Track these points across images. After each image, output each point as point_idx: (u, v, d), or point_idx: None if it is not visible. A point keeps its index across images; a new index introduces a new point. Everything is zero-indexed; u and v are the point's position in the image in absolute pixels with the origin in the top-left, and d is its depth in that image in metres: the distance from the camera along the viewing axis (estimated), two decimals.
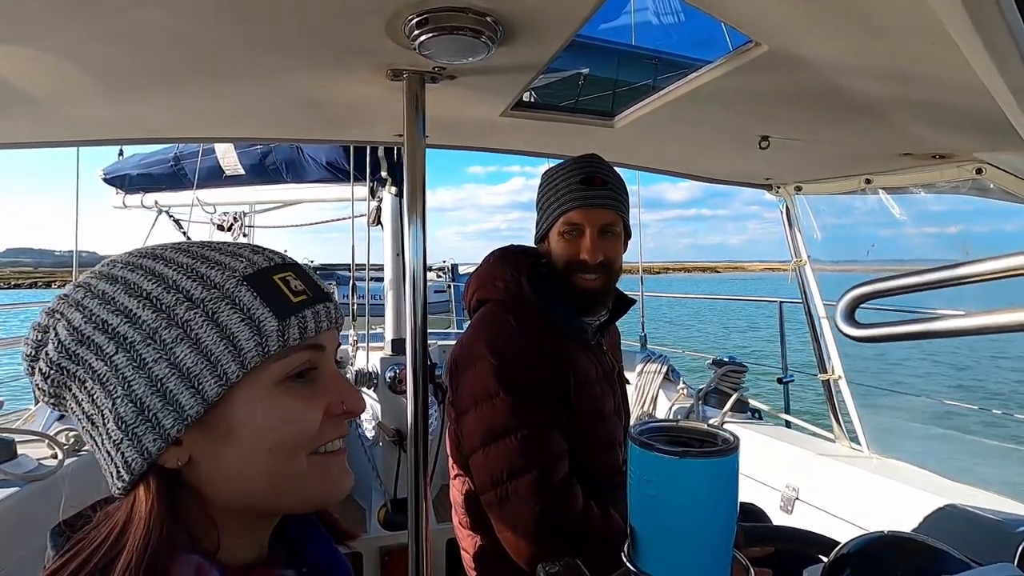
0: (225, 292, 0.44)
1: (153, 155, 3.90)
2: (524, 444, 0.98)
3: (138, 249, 0.48)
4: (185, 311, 0.42)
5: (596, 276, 1.12)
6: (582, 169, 1.13)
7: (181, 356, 0.42)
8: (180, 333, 0.42)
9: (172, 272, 0.44)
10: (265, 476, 0.45)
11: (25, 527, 1.38)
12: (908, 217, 1.61)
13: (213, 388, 0.42)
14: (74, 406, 0.44)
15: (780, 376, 2.69)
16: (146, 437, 0.42)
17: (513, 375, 1.02)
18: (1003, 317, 0.34)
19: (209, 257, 0.46)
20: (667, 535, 0.44)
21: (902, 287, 0.41)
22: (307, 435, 0.46)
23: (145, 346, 0.42)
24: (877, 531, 0.57)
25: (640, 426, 0.47)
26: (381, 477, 2.28)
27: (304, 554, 0.55)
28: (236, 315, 0.43)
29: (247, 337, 0.43)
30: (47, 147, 1.37)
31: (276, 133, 1.48)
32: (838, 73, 0.89)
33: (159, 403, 0.42)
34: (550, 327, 1.11)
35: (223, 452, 0.44)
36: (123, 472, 0.43)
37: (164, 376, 0.42)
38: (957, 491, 1.51)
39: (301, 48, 0.86)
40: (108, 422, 0.42)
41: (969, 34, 0.43)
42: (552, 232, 1.15)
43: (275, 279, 0.46)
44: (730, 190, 1.98)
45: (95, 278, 0.45)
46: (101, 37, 0.79)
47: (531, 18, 0.76)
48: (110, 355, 0.42)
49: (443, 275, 12.36)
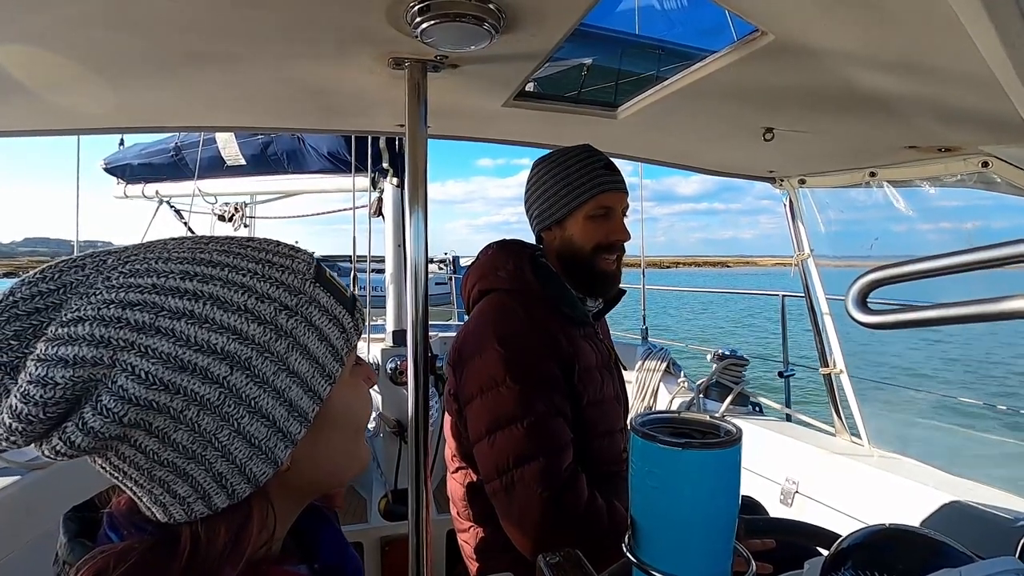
0: (308, 296, 0.45)
1: (154, 145, 3.89)
2: (530, 432, 0.98)
3: (177, 253, 0.43)
4: (286, 320, 0.43)
5: (616, 256, 1.17)
6: (598, 157, 1.18)
7: (295, 364, 0.43)
8: (291, 342, 0.43)
9: (252, 280, 0.43)
10: (350, 455, 0.50)
11: (28, 515, 1.39)
12: (913, 211, 1.60)
13: (324, 388, 0.45)
14: (132, 452, 0.39)
15: (781, 370, 2.69)
16: (277, 447, 0.43)
17: (520, 363, 1.02)
18: (1021, 303, 0.33)
19: (269, 260, 0.45)
20: (669, 526, 0.44)
21: (918, 272, 0.41)
22: (370, 412, 0.53)
23: (263, 361, 0.42)
24: (878, 524, 0.57)
25: (643, 417, 0.47)
26: (382, 468, 2.29)
27: (317, 550, 0.55)
28: (324, 316, 0.46)
29: (337, 336, 0.46)
30: (47, 135, 1.36)
31: (277, 122, 1.47)
32: (845, 64, 0.88)
33: (285, 413, 0.43)
34: (554, 314, 1.12)
35: (321, 442, 0.47)
36: (240, 488, 0.42)
37: (286, 386, 0.43)
38: (957, 485, 1.51)
39: (303, 35, 0.85)
40: (226, 445, 0.40)
41: (983, 24, 0.43)
42: (575, 216, 1.16)
43: (328, 276, 0.48)
44: (743, 184, 1.97)
45: (155, 293, 0.39)
46: (101, 22, 0.78)
47: (534, 6, 0.75)
48: (224, 376, 0.40)
49: (444, 267, 12.36)
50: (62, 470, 1.45)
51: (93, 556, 0.39)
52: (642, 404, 2.57)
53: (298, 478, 0.47)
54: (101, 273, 0.39)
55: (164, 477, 0.40)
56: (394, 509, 2.14)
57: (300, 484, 0.48)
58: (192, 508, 0.41)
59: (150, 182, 3.94)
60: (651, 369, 2.63)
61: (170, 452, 0.39)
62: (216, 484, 0.41)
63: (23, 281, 0.38)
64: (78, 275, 0.39)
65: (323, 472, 0.49)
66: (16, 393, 0.35)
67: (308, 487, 0.50)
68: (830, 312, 1.98)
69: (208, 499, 0.41)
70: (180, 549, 0.40)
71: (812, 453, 1.87)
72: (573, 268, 1.16)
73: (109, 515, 0.45)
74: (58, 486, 1.46)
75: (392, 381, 2.27)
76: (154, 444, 0.39)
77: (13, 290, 0.38)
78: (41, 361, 0.35)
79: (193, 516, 0.41)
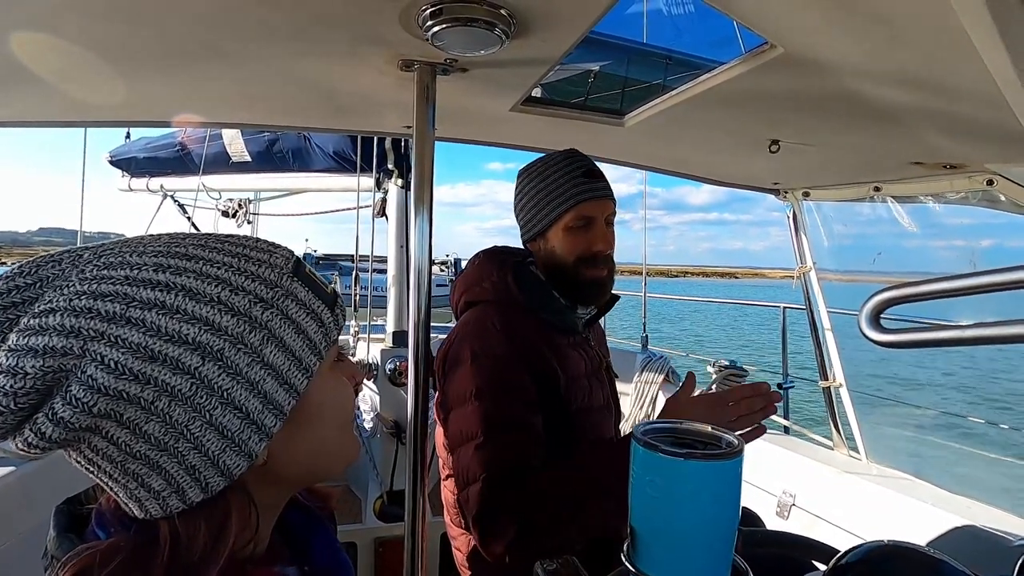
0: (285, 289, 0.45)
1: (160, 139, 3.90)
2: (478, 451, 0.97)
3: (152, 247, 0.43)
4: (261, 312, 0.43)
5: (603, 266, 1.13)
6: (580, 164, 1.12)
7: (270, 356, 0.43)
8: (265, 334, 0.43)
9: (226, 273, 0.43)
10: (332, 450, 0.50)
11: (22, 505, 1.39)
12: (917, 227, 1.60)
13: (301, 381, 0.45)
14: (104, 444, 0.39)
15: (780, 382, 2.68)
16: (251, 440, 0.42)
17: (489, 381, 1.01)
18: None
19: (245, 254, 0.45)
20: (668, 536, 0.43)
21: (932, 292, 0.40)
22: (353, 408, 0.53)
23: (236, 352, 0.41)
24: (877, 540, 0.57)
25: (644, 426, 0.47)
26: (378, 468, 2.29)
27: (308, 553, 0.55)
28: (302, 310, 0.46)
29: (315, 330, 0.46)
30: (56, 127, 1.37)
31: (286, 120, 1.48)
32: (853, 78, 0.88)
33: (260, 405, 0.42)
34: (539, 325, 1.11)
35: (299, 437, 0.46)
36: (214, 482, 0.41)
37: (261, 379, 0.42)
38: (955, 502, 1.50)
39: (315, 35, 0.86)
40: (198, 437, 0.40)
41: (993, 42, 0.43)
42: (555, 228, 1.13)
43: (307, 271, 0.48)
44: (754, 194, 1.98)
45: (127, 285, 0.39)
46: (114, 15, 0.79)
47: (545, 12, 0.76)
48: (195, 367, 0.40)
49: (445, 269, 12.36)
50: (57, 460, 1.45)
51: (79, 552, 0.40)
52: (641, 412, 2.57)
53: (277, 473, 0.46)
54: (76, 267, 0.40)
55: (137, 470, 0.40)
56: (389, 510, 2.13)
57: (280, 479, 0.48)
58: (167, 503, 0.41)
59: (155, 176, 3.94)
60: (651, 375, 2.63)
61: (142, 444, 0.39)
62: (189, 477, 0.41)
63: (0, 276, 0.39)
64: (54, 269, 0.40)
65: (303, 467, 0.49)
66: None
67: (288, 482, 0.50)
68: (831, 325, 1.98)
69: (182, 493, 0.41)
70: (160, 544, 0.40)
71: (810, 466, 1.86)
72: (559, 279, 1.14)
73: (98, 512, 0.45)
74: (53, 477, 1.45)
75: (391, 382, 2.27)
76: (126, 436, 0.39)
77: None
78: (12, 351, 0.36)
79: (168, 511, 0.41)
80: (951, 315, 0.84)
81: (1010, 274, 0.35)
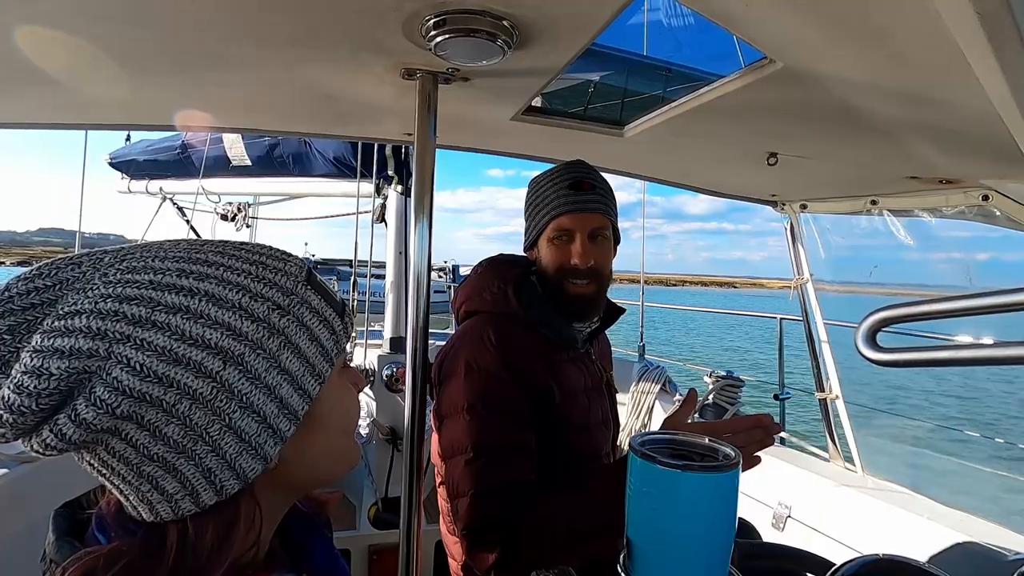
0: (300, 297, 0.46)
1: (160, 142, 3.90)
2: (468, 466, 0.97)
3: (174, 252, 0.43)
4: (279, 319, 0.44)
5: (587, 281, 1.10)
6: (569, 174, 1.11)
7: (287, 362, 0.44)
8: (283, 340, 0.44)
9: (246, 280, 0.44)
10: (337, 456, 0.51)
11: (16, 507, 1.38)
12: (913, 240, 1.61)
13: (314, 387, 0.46)
14: (122, 447, 0.39)
15: (777, 392, 2.68)
16: (267, 444, 0.43)
17: (480, 395, 1.01)
18: None
19: (263, 262, 0.46)
20: (665, 548, 0.43)
21: (930, 313, 0.41)
22: (358, 414, 0.54)
23: (255, 357, 0.42)
24: (872, 554, 0.57)
25: (641, 438, 0.47)
26: (373, 475, 2.28)
27: (306, 560, 0.55)
28: (315, 318, 0.47)
29: (327, 337, 0.47)
30: (58, 129, 1.37)
31: (287, 126, 1.49)
32: (852, 93, 0.89)
33: (276, 409, 0.43)
34: (537, 339, 1.10)
35: (308, 441, 0.47)
36: (229, 484, 0.42)
37: (277, 384, 0.43)
38: (951, 516, 1.50)
39: (318, 41, 0.86)
40: (216, 440, 0.41)
41: (988, 61, 0.44)
42: (541, 239, 1.13)
43: (319, 280, 0.49)
44: (753, 204, 1.98)
45: (152, 289, 0.40)
46: (118, 19, 0.79)
47: (548, 24, 0.77)
48: (216, 371, 0.40)
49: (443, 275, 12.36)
50: (51, 464, 1.44)
51: (80, 557, 0.39)
52: (637, 422, 2.56)
53: (285, 476, 0.47)
54: (98, 270, 0.40)
55: (152, 473, 0.40)
56: (384, 517, 2.12)
57: (287, 483, 0.49)
58: (180, 505, 0.41)
59: (154, 178, 3.94)
60: (647, 385, 2.63)
61: (160, 446, 0.39)
62: (205, 480, 0.41)
63: (19, 277, 0.39)
64: (75, 272, 0.40)
65: (310, 471, 0.50)
66: (9, 384, 0.36)
67: (294, 486, 0.51)
68: (827, 337, 1.99)
69: (196, 496, 0.41)
70: (167, 548, 0.40)
71: (806, 478, 1.86)
72: (551, 291, 1.13)
73: (98, 516, 0.44)
74: (47, 480, 1.44)
75: (387, 388, 2.26)
76: (144, 438, 0.39)
77: (9, 285, 0.38)
78: (37, 352, 0.36)
79: (180, 514, 0.41)
80: (948, 330, 0.85)
81: (1009, 296, 0.36)
